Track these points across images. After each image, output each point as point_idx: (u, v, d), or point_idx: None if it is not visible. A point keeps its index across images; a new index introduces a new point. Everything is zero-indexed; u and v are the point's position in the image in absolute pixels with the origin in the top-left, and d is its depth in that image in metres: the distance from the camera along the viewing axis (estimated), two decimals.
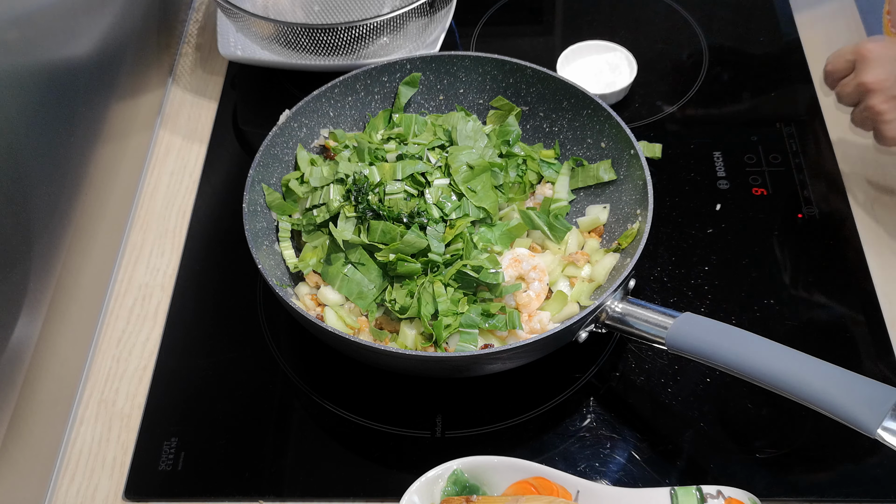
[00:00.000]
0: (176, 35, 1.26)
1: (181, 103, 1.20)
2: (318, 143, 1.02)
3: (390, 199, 0.90)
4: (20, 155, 0.81)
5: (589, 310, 0.82)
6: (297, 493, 0.85)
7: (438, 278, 0.87)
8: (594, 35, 1.19)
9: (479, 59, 1.02)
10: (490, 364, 0.84)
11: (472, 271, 0.86)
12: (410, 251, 0.88)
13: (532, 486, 0.78)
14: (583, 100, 0.98)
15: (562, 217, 0.97)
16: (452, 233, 0.89)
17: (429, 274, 0.87)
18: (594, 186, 0.99)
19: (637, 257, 0.85)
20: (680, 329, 0.78)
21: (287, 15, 1.23)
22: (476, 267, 0.86)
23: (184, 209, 1.09)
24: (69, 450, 0.90)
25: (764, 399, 0.88)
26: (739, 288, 0.98)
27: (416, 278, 0.87)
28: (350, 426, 0.89)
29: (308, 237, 0.94)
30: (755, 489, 0.79)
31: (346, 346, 0.83)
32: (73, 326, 0.93)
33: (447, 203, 0.91)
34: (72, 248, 0.92)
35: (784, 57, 1.20)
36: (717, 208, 1.05)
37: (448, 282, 0.87)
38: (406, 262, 0.87)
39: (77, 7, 0.94)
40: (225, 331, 0.97)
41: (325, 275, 0.90)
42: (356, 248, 0.89)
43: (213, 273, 1.02)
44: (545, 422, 0.89)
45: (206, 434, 0.89)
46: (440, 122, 1.00)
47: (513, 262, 0.90)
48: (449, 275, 0.87)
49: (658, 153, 1.09)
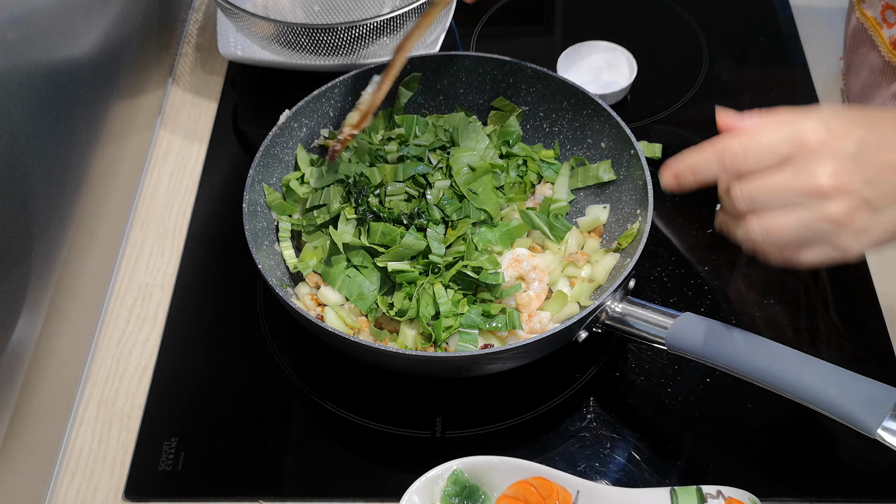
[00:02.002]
0: (176, 35, 1.26)
1: (181, 103, 1.20)
2: (318, 143, 1.02)
3: (391, 200, 0.90)
4: (20, 155, 0.81)
5: (589, 310, 0.82)
6: (297, 493, 0.85)
7: (439, 280, 0.87)
8: (594, 35, 1.19)
9: (478, 59, 1.02)
10: (490, 364, 0.84)
11: (472, 272, 0.86)
12: (409, 254, 0.88)
13: (532, 486, 0.78)
14: (583, 100, 0.98)
15: (562, 217, 0.97)
16: (454, 234, 0.89)
17: (429, 275, 0.87)
18: (594, 186, 0.99)
19: (637, 257, 0.85)
20: (680, 329, 0.78)
21: (287, 15, 1.23)
22: (476, 268, 0.86)
23: (184, 209, 1.09)
24: (69, 450, 0.90)
25: (764, 399, 0.88)
26: (739, 288, 0.98)
27: (415, 284, 0.88)
28: (350, 426, 0.89)
29: (308, 237, 0.94)
30: (755, 489, 0.79)
31: (347, 346, 0.83)
32: (73, 326, 0.93)
33: (448, 204, 0.91)
34: (72, 248, 0.92)
35: (784, 57, 1.20)
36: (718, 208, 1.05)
37: (448, 283, 0.87)
38: (404, 272, 0.87)
39: (77, 7, 0.94)
40: (225, 331, 0.97)
41: (325, 275, 0.91)
42: (357, 250, 0.89)
43: (213, 273, 1.02)
44: (545, 422, 0.89)
45: (206, 434, 0.89)
46: (441, 122, 1.00)
47: (513, 263, 0.90)
48: (449, 276, 0.87)
49: (658, 153, 1.09)
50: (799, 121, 0.64)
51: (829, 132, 0.62)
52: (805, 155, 0.62)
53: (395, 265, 0.87)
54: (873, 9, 1.00)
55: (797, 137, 0.63)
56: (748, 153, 0.64)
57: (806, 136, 0.62)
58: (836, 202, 0.62)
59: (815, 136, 0.62)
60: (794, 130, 0.63)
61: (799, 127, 0.63)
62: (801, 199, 0.63)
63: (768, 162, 0.63)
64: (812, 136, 0.62)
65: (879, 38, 0.99)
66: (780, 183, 0.63)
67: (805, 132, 0.63)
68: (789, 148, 0.63)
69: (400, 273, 0.87)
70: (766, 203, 0.64)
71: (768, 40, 1.23)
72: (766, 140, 0.63)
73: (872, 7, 1.00)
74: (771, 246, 0.65)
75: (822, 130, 0.62)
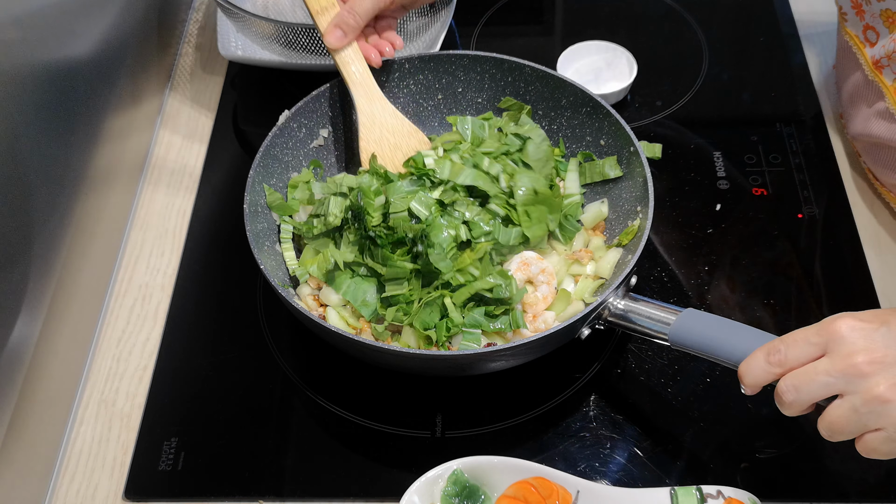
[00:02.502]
0: (176, 35, 1.26)
1: (181, 103, 1.20)
2: (316, 143, 1.02)
3: (395, 217, 0.87)
4: (20, 155, 0.82)
5: (591, 307, 0.82)
6: (297, 493, 0.85)
7: (448, 296, 0.85)
8: (594, 35, 1.19)
9: (477, 59, 1.02)
10: (494, 362, 0.84)
11: (486, 292, 0.85)
12: (404, 276, 0.87)
13: (532, 486, 0.78)
14: (581, 97, 0.98)
15: (572, 217, 0.96)
16: (472, 256, 0.87)
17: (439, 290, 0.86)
18: (591, 184, 0.99)
19: (639, 254, 0.85)
20: (683, 325, 0.78)
21: (287, 15, 1.23)
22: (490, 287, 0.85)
23: (184, 209, 1.09)
24: (69, 450, 0.90)
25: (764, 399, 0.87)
26: (739, 288, 0.98)
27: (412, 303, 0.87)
28: (350, 426, 0.89)
29: (309, 241, 0.94)
30: (755, 489, 0.79)
31: (351, 346, 0.83)
32: (73, 326, 0.93)
33: (481, 224, 0.88)
34: (72, 248, 0.92)
35: (784, 57, 1.20)
36: (717, 208, 1.05)
37: (460, 304, 0.85)
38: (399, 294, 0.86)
39: (77, 7, 0.94)
40: (225, 331, 0.97)
41: (329, 280, 0.90)
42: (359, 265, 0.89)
43: (213, 273, 1.02)
44: (545, 422, 0.89)
45: (206, 434, 0.89)
46: (509, 127, 0.98)
47: (521, 266, 0.89)
48: (462, 298, 0.85)
49: (658, 153, 1.08)
50: (829, 318, 0.69)
51: (857, 319, 0.67)
52: (837, 340, 0.66)
53: (391, 289, 0.86)
54: (856, 27, 1.01)
55: (827, 326, 0.67)
56: (787, 348, 0.69)
57: (836, 324, 0.67)
58: (876, 378, 0.64)
59: (845, 324, 0.67)
60: (825, 322, 0.68)
61: (829, 319, 0.68)
62: (843, 382, 0.66)
63: (806, 353, 0.68)
64: (842, 324, 0.67)
65: (862, 57, 1.00)
66: (818, 367, 0.67)
67: (835, 321, 0.67)
68: (821, 337, 0.67)
69: (395, 296, 0.87)
70: (809, 390, 0.67)
71: (768, 40, 1.23)
72: (800, 335, 0.69)
73: (855, 26, 1.01)
74: (839, 438, 0.68)
75: (851, 318, 0.67)
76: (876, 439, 0.65)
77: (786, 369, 0.68)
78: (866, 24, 0.99)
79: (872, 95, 0.99)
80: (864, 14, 0.99)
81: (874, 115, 0.99)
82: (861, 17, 1.00)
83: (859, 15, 1.00)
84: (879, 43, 0.98)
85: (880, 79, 0.97)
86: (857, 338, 0.66)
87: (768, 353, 0.69)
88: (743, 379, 0.71)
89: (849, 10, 1.02)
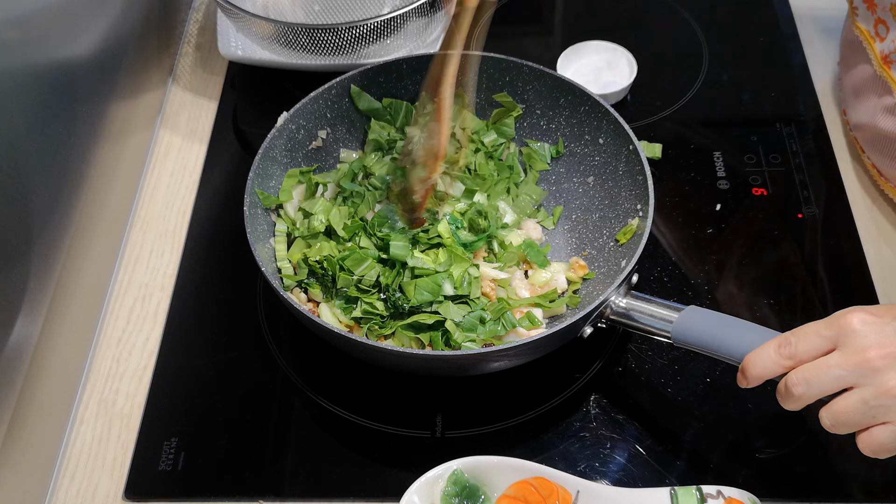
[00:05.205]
0: (176, 35, 1.26)
1: (181, 103, 1.20)
2: (315, 144, 1.02)
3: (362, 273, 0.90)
4: (20, 155, 0.81)
5: (593, 305, 0.82)
6: (297, 493, 0.85)
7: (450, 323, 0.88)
8: (594, 35, 1.19)
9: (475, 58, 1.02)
10: (495, 362, 0.84)
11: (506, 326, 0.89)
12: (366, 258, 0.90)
13: (532, 486, 0.78)
14: (579, 96, 0.98)
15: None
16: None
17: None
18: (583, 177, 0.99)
19: (640, 252, 0.85)
20: (686, 322, 0.78)
21: (287, 15, 1.23)
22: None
23: (184, 209, 1.09)
24: (69, 450, 0.90)
25: (764, 399, 0.88)
26: (739, 288, 0.98)
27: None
28: (350, 426, 0.89)
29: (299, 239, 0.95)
30: (755, 489, 0.79)
31: (352, 347, 0.83)
32: (73, 326, 0.93)
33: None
34: (72, 248, 0.92)
35: (784, 57, 1.20)
36: (717, 208, 1.05)
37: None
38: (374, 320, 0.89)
39: (77, 7, 0.94)
40: (225, 331, 0.97)
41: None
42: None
43: (213, 273, 1.02)
44: (545, 422, 0.89)
45: (206, 434, 0.89)
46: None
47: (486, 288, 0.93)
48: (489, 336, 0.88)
49: (658, 153, 1.09)
50: (840, 311, 0.68)
51: (868, 313, 0.67)
52: (849, 334, 0.66)
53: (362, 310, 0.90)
54: (867, 22, 1.01)
55: (838, 320, 0.67)
56: (798, 340, 0.69)
57: (848, 318, 0.67)
58: (890, 373, 0.64)
59: (857, 318, 0.66)
60: (836, 315, 0.68)
61: (840, 313, 0.68)
62: (855, 375, 0.66)
63: (817, 346, 0.68)
64: (854, 318, 0.67)
65: (872, 51, 1.00)
66: (829, 361, 0.67)
67: (847, 315, 0.67)
68: (832, 330, 0.67)
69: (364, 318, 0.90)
70: (820, 384, 0.67)
71: (768, 40, 1.23)
72: (811, 328, 0.69)
73: (866, 20, 1.01)
74: (842, 430, 0.68)
75: (862, 312, 0.67)
76: (884, 433, 0.65)
77: (796, 362, 0.68)
78: (878, 17, 0.99)
79: (880, 90, 0.99)
80: (877, 7, 0.99)
81: (881, 110, 0.99)
82: (873, 11, 1.00)
83: (871, 9, 1.00)
84: (889, 38, 0.98)
85: (889, 74, 0.97)
86: (869, 332, 0.66)
87: (779, 345, 0.69)
88: (748, 370, 0.71)
89: (860, 5, 1.02)
